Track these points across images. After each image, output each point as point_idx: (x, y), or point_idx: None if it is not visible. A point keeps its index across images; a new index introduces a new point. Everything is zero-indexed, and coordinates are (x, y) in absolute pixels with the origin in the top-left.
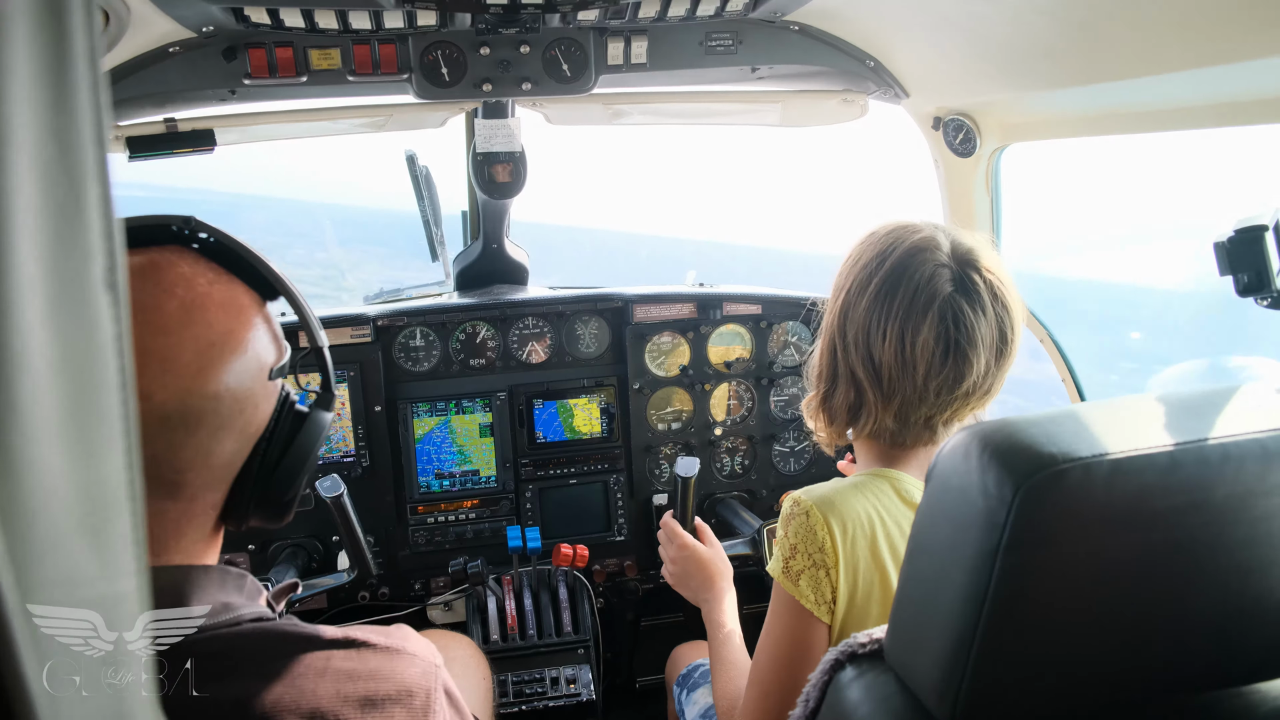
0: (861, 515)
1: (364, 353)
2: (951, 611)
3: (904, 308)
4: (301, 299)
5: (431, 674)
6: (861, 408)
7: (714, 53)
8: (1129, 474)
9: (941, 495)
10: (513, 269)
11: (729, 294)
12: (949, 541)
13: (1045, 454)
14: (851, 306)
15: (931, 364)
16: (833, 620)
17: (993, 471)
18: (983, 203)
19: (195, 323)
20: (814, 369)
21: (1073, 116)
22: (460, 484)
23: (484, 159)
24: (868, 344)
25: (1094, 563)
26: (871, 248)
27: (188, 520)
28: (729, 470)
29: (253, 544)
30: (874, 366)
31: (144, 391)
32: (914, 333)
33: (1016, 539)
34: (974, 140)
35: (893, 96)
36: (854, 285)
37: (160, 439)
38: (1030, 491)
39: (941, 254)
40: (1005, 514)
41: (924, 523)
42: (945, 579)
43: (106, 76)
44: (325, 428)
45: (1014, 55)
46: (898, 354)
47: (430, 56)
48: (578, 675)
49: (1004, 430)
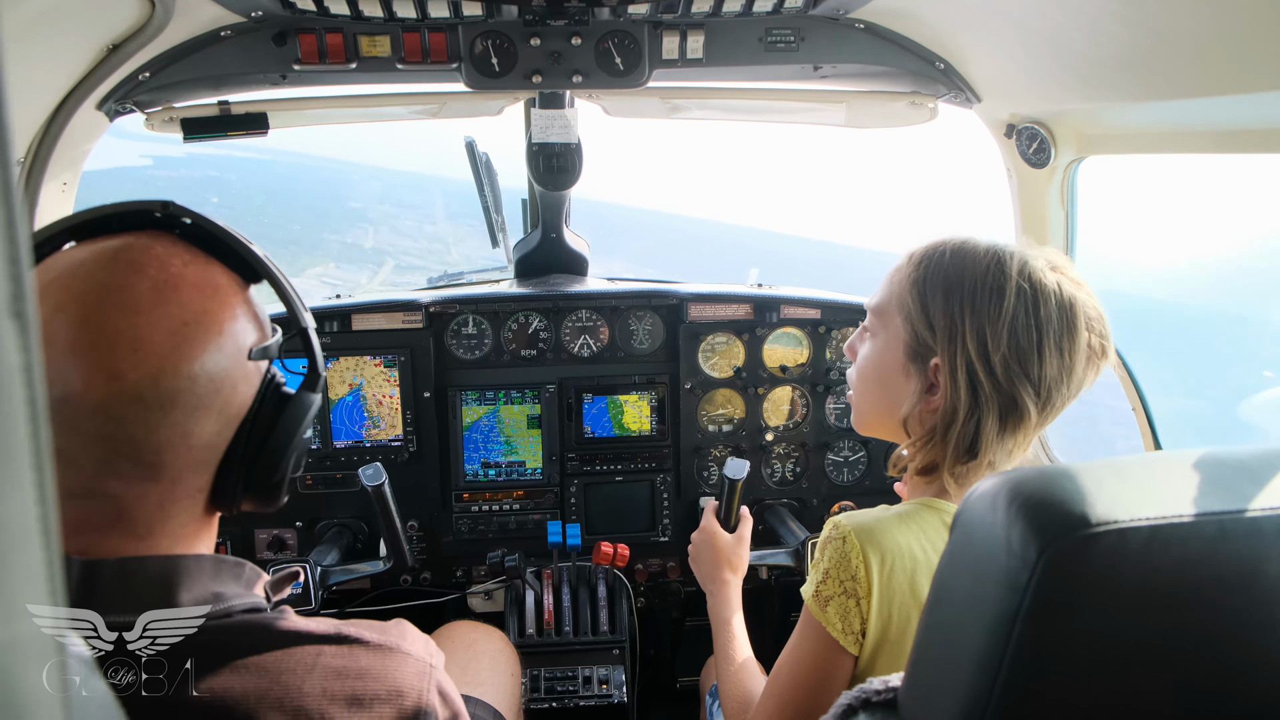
0: (903, 547)
1: (415, 338)
2: (966, 674)
3: (1054, 320)
4: (285, 280)
5: (425, 674)
6: (1018, 429)
7: (774, 50)
8: (1170, 543)
9: (965, 546)
10: (572, 259)
11: (787, 296)
12: (969, 597)
13: (1077, 514)
14: (985, 327)
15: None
16: (861, 652)
17: (1018, 528)
18: (1057, 216)
19: (168, 302)
20: (935, 406)
21: (1155, 131)
22: (506, 474)
23: (539, 149)
24: (1020, 361)
25: (1125, 640)
26: (972, 268)
27: (173, 503)
28: (779, 477)
29: (300, 521)
30: (1033, 383)
31: (115, 371)
32: (1071, 341)
33: (1039, 605)
34: (1049, 150)
35: (964, 101)
36: (980, 307)
37: (135, 420)
38: (1057, 555)
39: (1042, 262)
40: (1028, 577)
41: (946, 572)
42: (963, 637)
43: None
44: (311, 409)
45: (1092, 65)
46: (1058, 365)
47: (480, 46)
48: (611, 676)
49: (1036, 481)
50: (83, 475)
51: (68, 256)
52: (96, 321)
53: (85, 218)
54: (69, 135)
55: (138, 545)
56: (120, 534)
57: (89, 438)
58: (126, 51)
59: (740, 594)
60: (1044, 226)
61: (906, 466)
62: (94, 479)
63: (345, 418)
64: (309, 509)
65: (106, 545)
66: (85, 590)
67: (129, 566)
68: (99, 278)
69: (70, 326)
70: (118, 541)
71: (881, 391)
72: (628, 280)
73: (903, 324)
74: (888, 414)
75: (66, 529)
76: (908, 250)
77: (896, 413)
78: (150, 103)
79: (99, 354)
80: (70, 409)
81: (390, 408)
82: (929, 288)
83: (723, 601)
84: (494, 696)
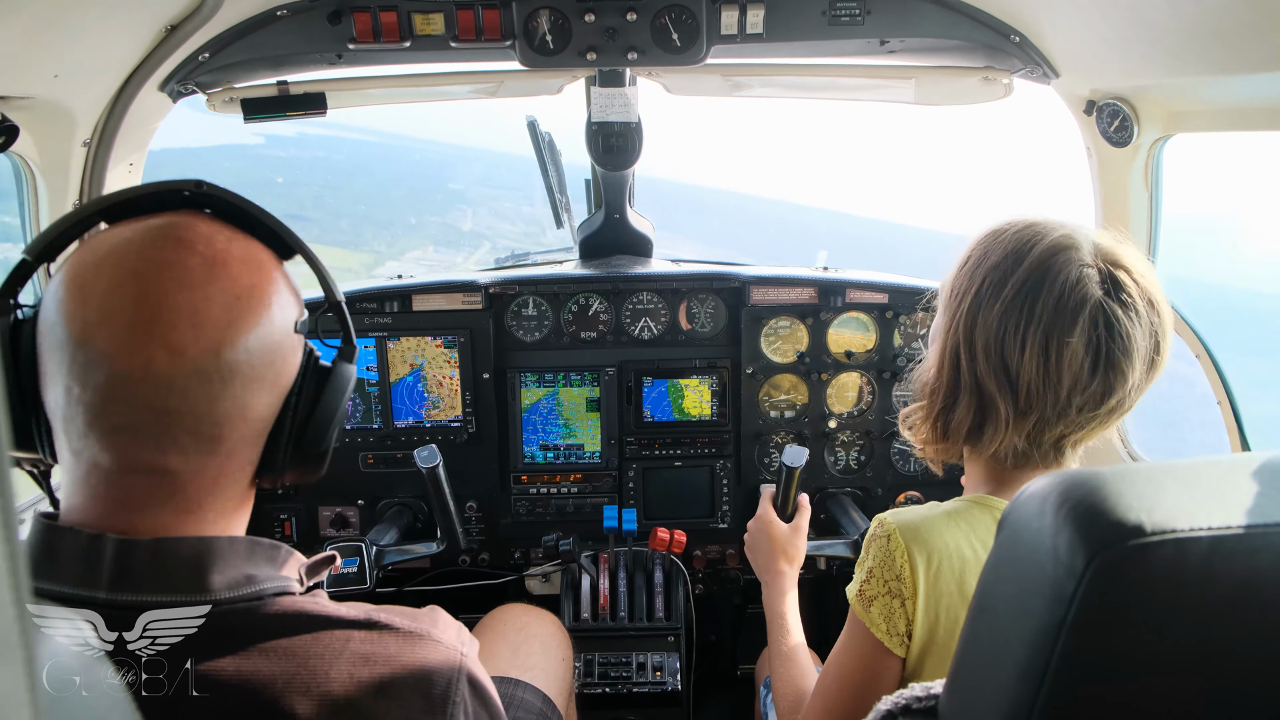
0: (951, 547)
1: (474, 319)
2: (1007, 688)
3: (1048, 313)
4: (315, 256)
5: (455, 662)
6: (986, 425)
7: (838, 23)
8: (1234, 554)
9: (1010, 551)
10: (636, 240)
11: (853, 280)
12: (1013, 606)
13: (1130, 522)
14: (981, 310)
15: (1079, 377)
16: (908, 654)
17: (1066, 534)
18: (1140, 199)
19: (220, 277)
20: (924, 378)
21: (1249, 107)
22: (564, 457)
23: (598, 128)
24: (1001, 353)
25: (1179, 658)
26: (1001, 245)
27: (225, 476)
28: (843, 465)
29: (362, 499)
30: (1009, 379)
31: (178, 346)
32: (1060, 341)
33: (1085, 618)
34: (1131, 128)
35: (1040, 76)
36: (984, 287)
37: (197, 394)
38: (1106, 565)
39: (1084, 253)
40: (1074, 587)
41: (990, 578)
42: (1005, 647)
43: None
44: (351, 380)
45: (1179, 35)
46: (1040, 365)
47: (534, 23)
48: (665, 663)
49: (1089, 484)
50: (145, 450)
51: (113, 236)
52: (155, 298)
53: (120, 198)
54: (133, 116)
55: (185, 520)
56: (172, 509)
57: (153, 413)
58: (185, 32)
59: (796, 585)
60: (1126, 209)
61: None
62: (156, 453)
63: (406, 398)
64: (371, 488)
65: (151, 520)
66: (119, 569)
67: (163, 547)
68: (151, 255)
69: (129, 305)
70: (168, 517)
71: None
72: (690, 262)
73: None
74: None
75: (117, 505)
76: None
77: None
78: (211, 83)
79: (161, 330)
80: (133, 386)
81: (450, 389)
82: (961, 268)
83: (777, 593)
84: (543, 681)
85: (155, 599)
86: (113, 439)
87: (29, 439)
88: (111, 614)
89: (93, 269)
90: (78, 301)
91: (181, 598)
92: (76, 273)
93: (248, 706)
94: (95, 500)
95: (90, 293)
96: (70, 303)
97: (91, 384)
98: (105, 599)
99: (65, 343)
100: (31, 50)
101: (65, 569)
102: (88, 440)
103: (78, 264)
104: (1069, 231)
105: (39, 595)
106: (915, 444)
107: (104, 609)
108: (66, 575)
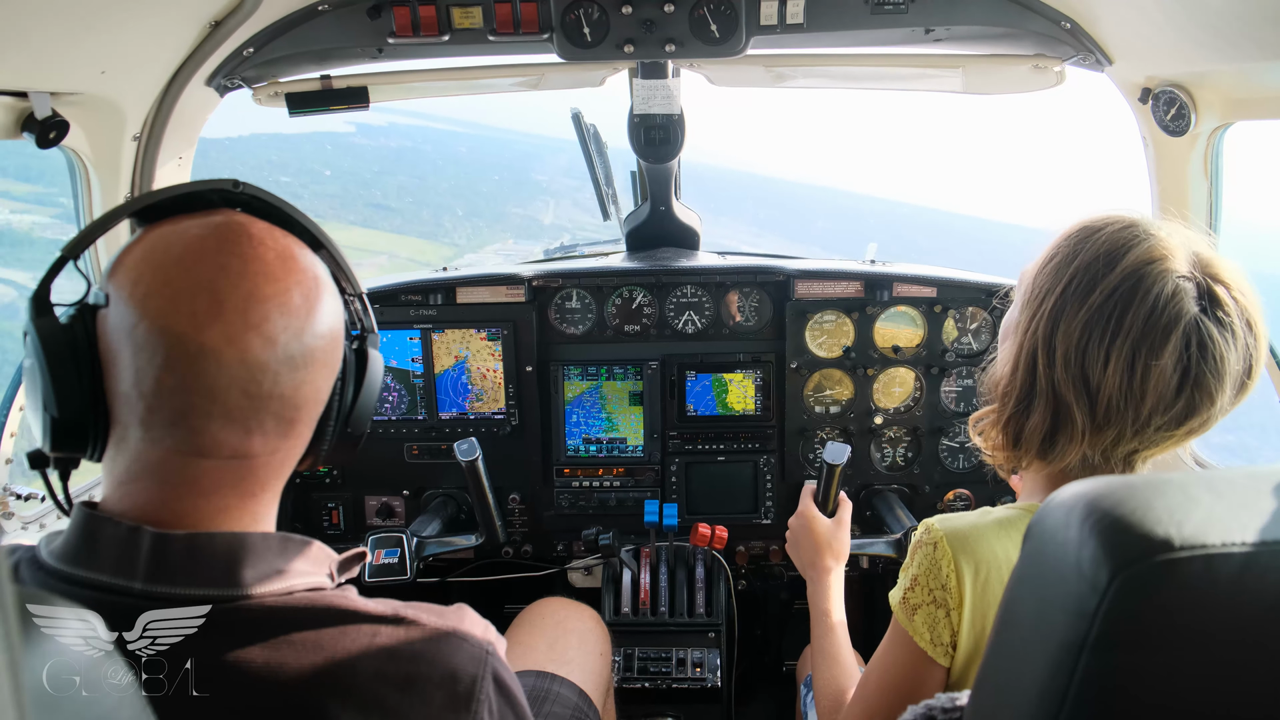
0: (1000, 557)
1: (518, 312)
2: (1027, 706)
3: (1138, 328)
4: (338, 251)
5: (480, 659)
6: (1060, 434)
7: (881, 12)
8: (1269, 571)
9: (1035, 562)
10: (682, 232)
11: (900, 274)
12: (1036, 622)
13: (1158, 536)
14: (1064, 315)
15: (1163, 396)
16: (952, 664)
17: (1090, 547)
18: (1199, 189)
19: (294, 270)
20: (997, 380)
21: None
22: (607, 451)
23: (640, 120)
24: (1083, 364)
25: (1207, 682)
26: (1094, 246)
27: (290, 459)
28: (890, 462)
29: (407, 490)
30: (1089, 392)
31: (271, 334)
32: (1148, 359)
33: (1108, 636)
34: (1188, 116)
35: (1094, 63)
36: (1070, 290)
37: (287, 379)
38: (1130, 581)
39: (1181, 262)
40: (1097, 604)
41: (1015, 591)
42: (1026, 664)
43: None
44: (381, 365)
45: (1237, 20)
46: (1124, 382)
47: (572, 15)
48: (705, 659)
49: (1117, 494)
50: (234, 434)
51: (180, 236)
52: (245, 291)
53: (160, 198)
54: (181, 110)
55: (244, 503)
56: (240, 493)
57: (247, 397)
58: (229, 28)
59: (842, 582)
60: (1185, 200)
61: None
62: (243, 437)
63: (450, 389)
64: (415, 478)
65: (207, 509)
66: (154, 563)
67: (198, 542)
68: (233, 252)
69: (217, 300)
70: (234, 501)
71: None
72: (736, 255)
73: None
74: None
75: (182, 490)
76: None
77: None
78: (256, 78)
79: (254, 319)
80: (231, 373)
81: (494, 381)
82: (1046, 264)
83: (822, 590)
84: (579, 676)
85: (188, 592)
86: (207, 424)
87: (78, 436)
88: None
89: (175, 265)
90: (164, 298)
91: (214, 591)
92: (154, 269)
93: (274, 698)
94: (155, 488)
95: (179, 288)
96: (156, 299)
97: (189, 374)
98: (141, 589)
99: (153, 336)
100: (78, 47)
101: (105, 558)
102: (175, 429)
103: (150, 260)
104: (1164, 236)
105: (77, 583)
106: (985, 449)
107: (140, 599)
108: (106, 564)
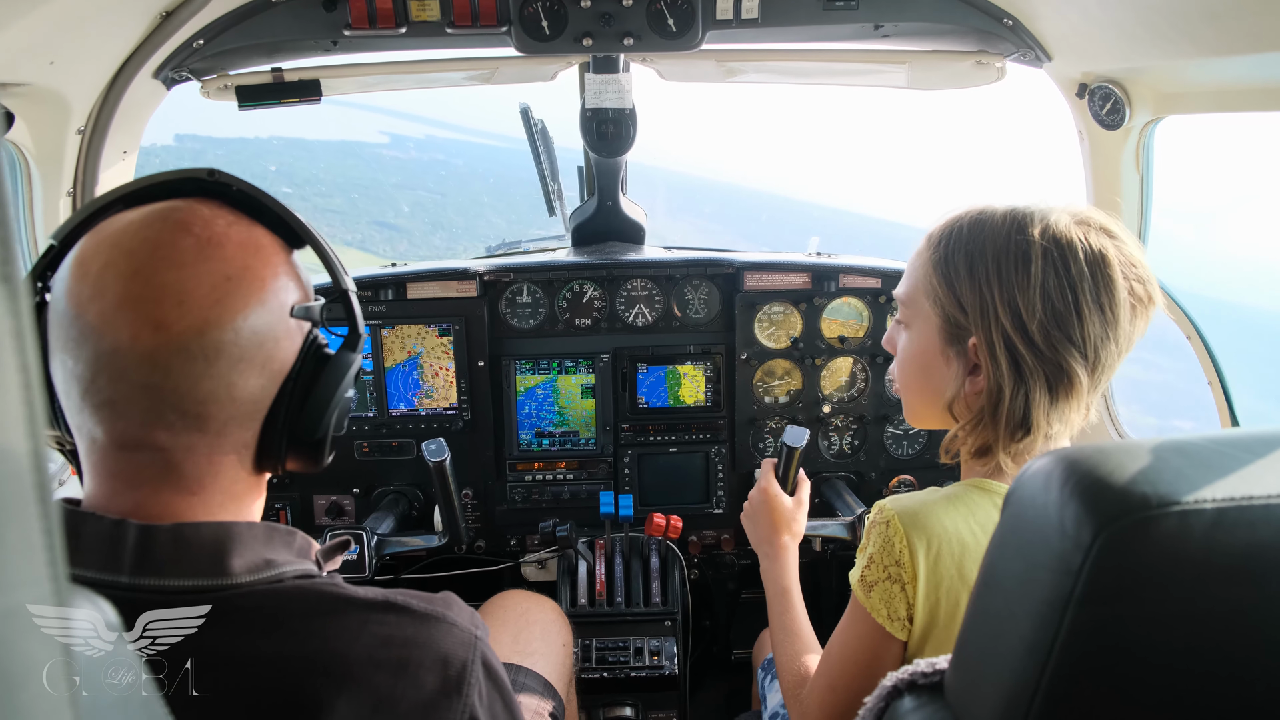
0: (950, 531)
1: (469, 307)
2: (1013, 661)
3: (1086, 275)
4: (326, 245)
5: (470, 644)
6: (1069, 397)
7: (833, 8)
8: (1237, 527)
9: (1016, 526)
10: (628, 227)
11: (846, 265)
12: (1019, 582)
13: (1136, 495)
14: (1018, 296)
15: (1124, 325)
16: (909, 637)
17: (1072, 509)
18: (1131, 181)
19: (211, 259)
20: (963, 393)
21: (1242, 89)
22: (559, 444)
23: (592, 115)
24: (1060, 327)
25: (1183, 629)
26: (995, 232)
27: (220, 456)
28: (836, 450)
29: (357, 488)
30: (1078, 346)
31: (162, 323)
32: (1107, 295)
33: (1092, 592)
34: (1123, 111)
35: (1033, 60)
36: (1006, 274)
37: (181, 370)
38: (1112, 538)
39: (1065, 215)
40: (1081, 561)
41: (996, 555)
42: (1011, 622)
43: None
44: (351, 368)
45: (1172, 17)
46: (1099, 322)
47: (530, 9)
48: (662, 647)
49: (1093, 459)
50: (131, 425)
51: (119, 219)
52: (144, 276)
53: (136, 187)
54: (127, 104)
55: (190, 501)
56: (172, 488)
57: (136, 388)
58: (180, 19)
59: (797, 560)
60: (1117, 193)
61: (959, 452)
62: (142, 429)
63: (400, 385)
64: (366, 476)
65: (160, 502)
66: (141, 554)
67: (184, 532)
68: (145, 235)
69: (119, 281)
70: (170, 496)
71: (925, 381)
72: (683, 249)
73: (932, 308)
74: (935, 402)
75: (118, 483)
76: (926, 232)
77: (942, 400)
78: (205, 70)
79: (146, 306)
80: (120, 360)
81: (445, 378)
82: (950, 267)
83: (780, 568)
84: (544, 666)
85: (177, 583)
86: (102, 413)
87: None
88: (130, 597)
89: (94, 249)
90: (76, 279)
91: (202, 581)
92: (81, 254)
93: (269, 685)
94: (102, 480)
95: (88, 270)
96: (70, 280)
97: (83, 358)
98: (128, 583)
99: (64, 318)
100: (29, 36)
101: (89, 554)
102: (83, 415)
103: (84, 246)
104: (1034, 202)
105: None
106: (966, 455)
107: (126, 592)
108: (90, 560)
